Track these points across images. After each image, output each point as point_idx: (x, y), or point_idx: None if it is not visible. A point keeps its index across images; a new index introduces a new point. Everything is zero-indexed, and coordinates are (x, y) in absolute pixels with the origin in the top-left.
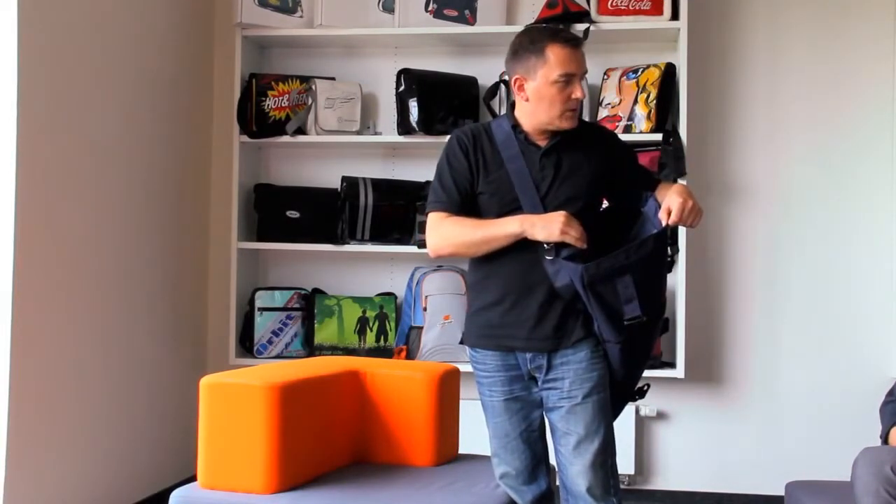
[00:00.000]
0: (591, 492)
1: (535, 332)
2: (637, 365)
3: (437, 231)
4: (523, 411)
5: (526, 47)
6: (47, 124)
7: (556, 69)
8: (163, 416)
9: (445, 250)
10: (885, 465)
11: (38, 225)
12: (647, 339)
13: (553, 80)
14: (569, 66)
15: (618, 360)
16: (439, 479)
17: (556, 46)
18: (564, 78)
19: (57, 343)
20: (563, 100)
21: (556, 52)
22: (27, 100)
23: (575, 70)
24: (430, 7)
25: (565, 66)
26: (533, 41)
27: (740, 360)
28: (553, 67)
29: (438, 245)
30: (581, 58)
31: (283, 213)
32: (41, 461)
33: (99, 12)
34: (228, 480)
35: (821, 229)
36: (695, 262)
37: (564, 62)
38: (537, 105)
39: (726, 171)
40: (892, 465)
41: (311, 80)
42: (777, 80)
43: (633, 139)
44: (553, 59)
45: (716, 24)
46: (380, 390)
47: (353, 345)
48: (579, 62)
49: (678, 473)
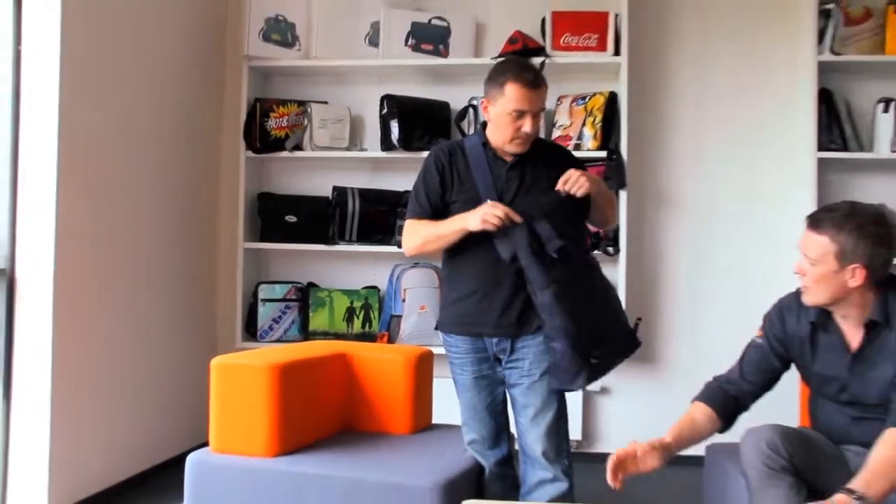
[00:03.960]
0: (545, 455)
1: (501, 321)
2: (588, 313)
3: (408, 234)
4: (489, 387)
5: (493, 78)
6: (90, 145)
7: (511, 104)
8: (180, 391)
9: (414, 250)
10: (761, 442)
11: (77, 229)
12: (583, 292)
13: (507, 112)
14: (521, 104)
15: (553, 308)
16: (415, 445)
17: (514, 85)
18: (516, 113)
19: (92, 329)
20: (514, 130)
21: (513, 89)
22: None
23: (526, 108)
24: (410, 42)
25: (518, 104)
26: (500, 74)
27: (670, 342)
28: (508, 101)
29: (408, 245)
30: (536, 97)
31: (282, 218)
32: (79, 429)
33: (133, 49)
34: (236, 445)
35: (738, 230)
36: (633, 260)
37: (518, 100)
38: (494, 128)
39: (659, 182)
40: (766, 441)
41: (307, 103)
42: (701, 106)
43: (581, 155)
44: (509, 94)
45: (651, 59)
46: (364, 370)
47: (342, 331)
48: (532, 101)
49: (618, 438)
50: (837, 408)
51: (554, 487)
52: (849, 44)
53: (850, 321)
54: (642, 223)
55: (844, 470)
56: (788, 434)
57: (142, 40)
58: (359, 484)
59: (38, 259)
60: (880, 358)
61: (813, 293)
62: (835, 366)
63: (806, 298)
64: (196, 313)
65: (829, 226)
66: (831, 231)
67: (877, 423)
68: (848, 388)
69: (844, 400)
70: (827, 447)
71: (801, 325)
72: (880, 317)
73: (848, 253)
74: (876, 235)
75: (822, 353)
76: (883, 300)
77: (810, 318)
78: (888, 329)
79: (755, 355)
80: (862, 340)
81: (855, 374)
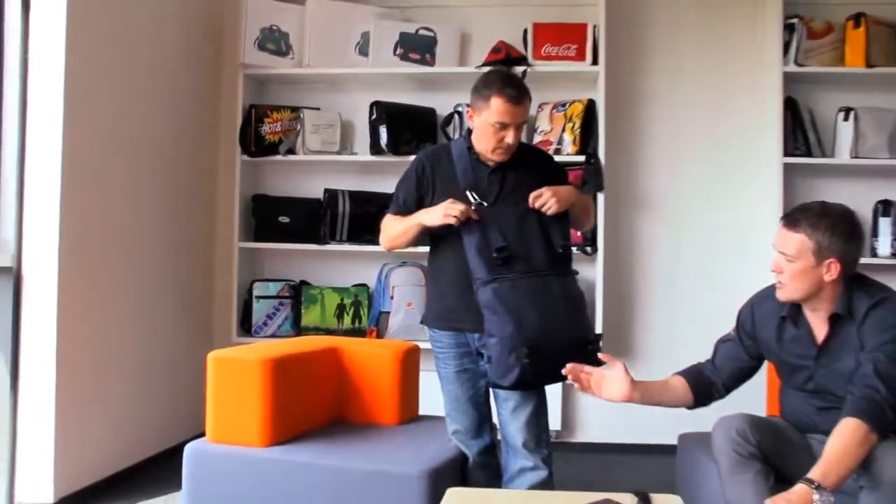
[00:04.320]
0: (525, 445)
1: (480, 317)
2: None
3: (382, 230)
4: (472, 380)
5: (479, 90)
6: (93, 149)
7: (494, 116)
8: (178, 384)
9: (388, 242)
10: (731, 431)
11: (80, 229)
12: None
13: (490, 123)
14: (504, 117)
15: (491, 304)
16: (402, 435)
17: (498, 99)
18: (499, 125)
19: (94, 325)
20: (496, 140)
21: (497, 103)
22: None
23: (509, 121)
24: (398, 51)
25: (501, 117)
26: (485, 87)
27: (646, 336)
28: (492, 114)
29: (382, 239)
30: (518, 111)
31: (276, 219)
32: (83, 419)
33: (135, 57)
34: (231, 435)
35: (708, 229)
36: (610, 259)
37: (501, 113)
38: (478, 136)
39: (635, 185)
40: (736, 429)
41: (300, 109)
42: (675, 114)
43: (561, 159)
44: (494, 107)
45: (626, 68)
46: (354, 363)
47: (332, 326)
48: (514, 115)
49: (596, 429)
50: (804, 398)
51: (534, 475)
52: (812, 56)
53: (818, 315)
54: (619, 223)
55: (809, 457)
56: (757, 423)
57: (143, 49)
58: (349, 472)
59: (44, 258)
60: (844, 351)
61: (789, 289)
62: (802, 357)
63: (781, 294)
64: (194, 309)
65: (806, 224)
66: (808, 229)
67: (840, 413)
68: (814, 378)
69: (810, 390)
70: (793, 435)
71: (770, 320)
72: (844, 311)
73: (824, 249)
74: (848, 232)
75: (789, 345)
76: (849, 295)
77: (782, 312)
78: (851, 322)
79: (726, 348)
80: (827, 333)
81: (820, 366)
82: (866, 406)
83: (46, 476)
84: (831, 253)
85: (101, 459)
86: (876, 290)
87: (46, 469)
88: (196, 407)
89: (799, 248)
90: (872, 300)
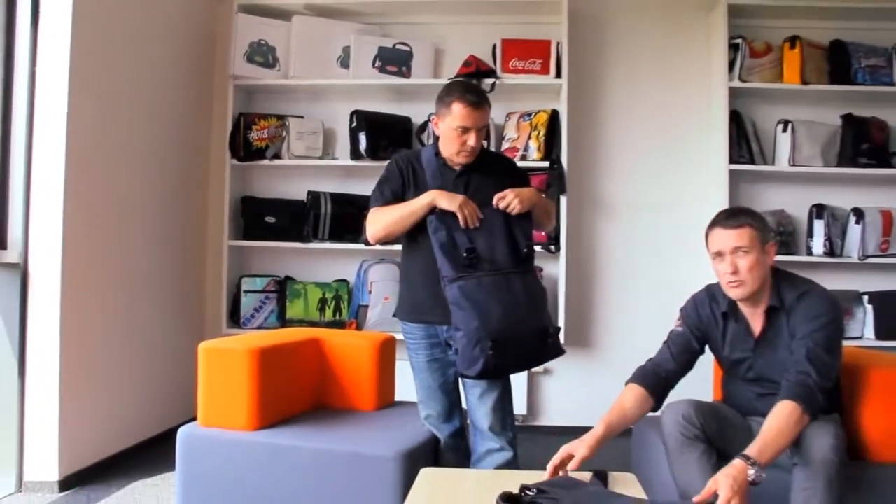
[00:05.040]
0: (492, 428)
1: (448, 310)
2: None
3: (372, 220)
4: (442, 369)
5: (442, 98)
6: (94, 154)
7: (456, 121)
8: (172, 372)
9: (380, 233)
10: (678, 415)
11: (82, 229)
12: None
13: (453, 128)
14: (465, 121)
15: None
16: (379, 420)
17: (459, 105)
18: (461, 129)
19: (95, 318)
20: (459, 143)
21: (458, 108)
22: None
23: (470, 125)
24: (377, 64)
25: (462, 121)
26: (447, 95)
27: (604, 329)
28: (454, 119)
29: (374, 230)
30: (479, 116)
31: (262, 219)
32: (85, 405)
33: (133, 69)
34: (221, 420)
35: (662, 231)
36: (571, 257)
37: (463, 118)
38: (443, 141)
39: (595, 189)
40: (683, 414)
41: (286, 117)
42: (631, 124)
43: (527, 165)
44: (455, 113)
45: (587, 82)
46: (335, 353)
47: (315, 319)
48: (475, 119)
49: (558, 413)
50: (745, 385)
51: (500, 456)
52: (754, 73)
53: (755, 309)
54: (580, 224)
55: (750, 438)
56: (702, 408)
57: (141, 61)
58: (329, 454)
59: (48, 256)
60: (778, 341)
61: (749, 283)
62: (742, 350)
63: (741, 291)
64: (186, 303)
65: (744, 218)
66: (748, 220)
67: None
68: (753, 368)
69: (750, 378)
70: (735, 419)
71: (713, 317)
72: (777, 302)
73: (763, 234)
74: (764, 220)
75: (731, 340)
76: (777, 287)
77: (722, 309)
78: (783, 313)
79: (679, 339)
80: (763, 325)
81: (758, 356)
82: (800, 390)
83: (52, 456)
84: (767, 237)
85: (101, 441)
86: (799, 282)
87: (52, 450)
88: (189, 393)
89: (750, 237)
90: (798, 291)
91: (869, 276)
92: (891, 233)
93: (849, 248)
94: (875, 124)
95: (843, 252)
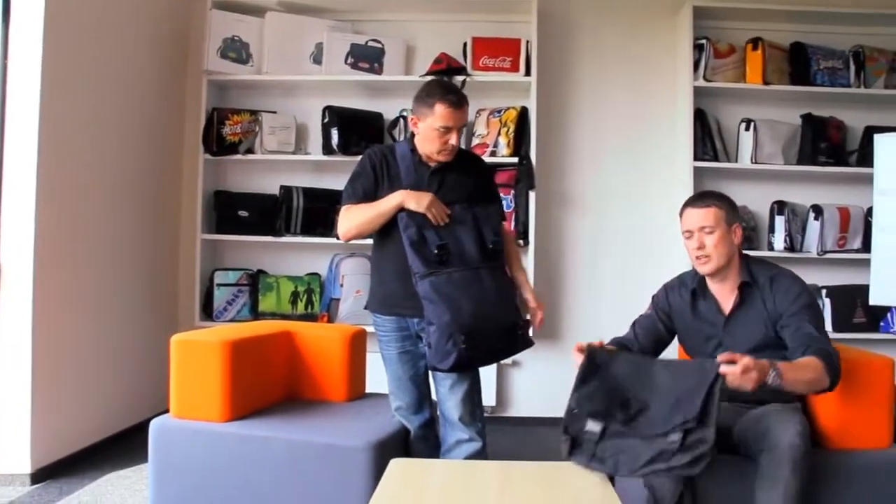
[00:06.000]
0: (461, 419)
1: (419, 303)
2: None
3: (344, 218)
4: (412, 361)
5: (422, 98)
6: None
7: (438, 121)
8: (145, 365)
9: (351, 232)
10: None
11: (55, 224)
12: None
13: (435, 128)
14: (447, 121)
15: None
16: (350, 411)
17: (441, 105)
18: (443, 129)
19: (68, 312)
20: (441, 143)
21: (441, 109)
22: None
23: (452, 125)
24: (349, 60)
25: (445, 121)
26: (428, 95)
27: (571, 321)
28: (437, 119)
29: (345, 230)
30: (460, 115)
31: (235, 213)
32: (57, 397)
33: (107, 64)
34: (193, 412)
35: (627, 225)
36: (540, 251)
37: (445, 118)
38: (423, 140)
39: (563, 184)
40: None
41: (258, 113)
42: (598, 121)
43: (497, 161)
44: (438, 113)
45: (556, 80)
46: (307, 345)
47: (287, 312)
48: (457, 119)
49: (526, 404)
50: None
51: (470, 446)
52: (718, 73)
53: (725, 285)
54: (548, 219)
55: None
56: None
57: (115, 56)
58: (301, 444)
59: (20, 249)
60: (751, 315)
61: (715, 258)
62: (712, 326)
63: (709, 266)
64: (159, 296)
65: (711, 200)
66: (715, 202)
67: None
68: (722, 344)
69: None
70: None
71: (683, 299)
72: (748, 278)
73: (729, 215)
74: (733, 204)
75: (701, 317)
76: (747, 267)
77: (691, 286)
78: (756, 289)
79: (645, 322)
80: (735, 302)
81: (727, 333)
82: (825, 356)
83: (24, 449)
84: (733, 219)
85: (74, 433)
86: (768, 265)
87: (23, 443)
88: (161, 385)
89: (715, 217)
90: (769, 272)
91: (827, 271)
92: (848, 229)
93: (808, 243)
94: (833, 124)
95: (803, 247)
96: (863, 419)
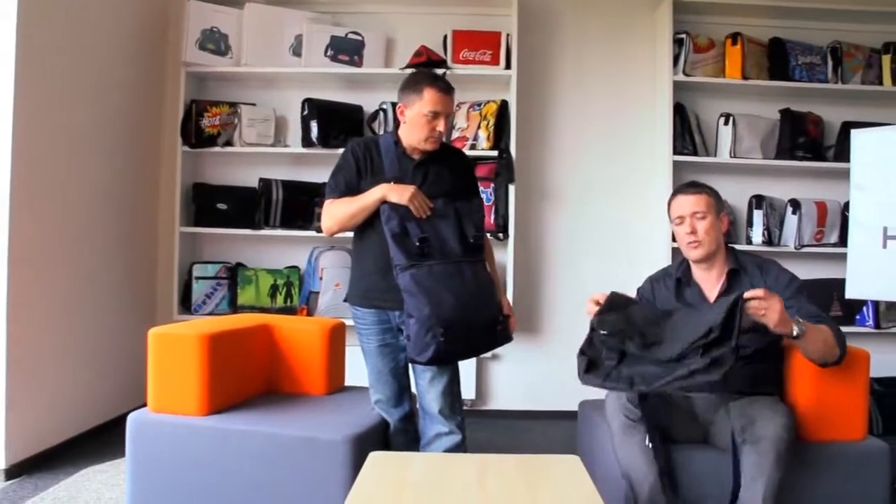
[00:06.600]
0: (441, 412)
1: (400, 296)
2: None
3: (327, 214)
4: (392, 354)
5: (411, 85)
6: (43, 139)
7: (427, 106)
8: (122, 358)
9: (334, 227)
10: (622, 397)
11: (30, 215)
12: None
13: (423, 114)
14: (437, 105)
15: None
16: (330, 404)
17: (430, 90)
18: (432, 114)
19: (43, 305)
20: (429, 129)
21: (430, 94)
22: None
23: (441, 110)
24: (328, 53)
25: (434, 106)
26: (417, 82)
27: (551, 315)
28: (425, 104)
29: (328, 225)
30: (448, 101)
31: (214, 205)
32: (32, 391)
33: (84, 56)
34: (171, 405)
35: (606, 219)
36: (519, 244)
37: (434, 102)
38: (410, 129)
39: (542, 177)
40: (626, 396)
41: (237, 105)
42: (578, 115)
43: (477, 154)
44: (427, 98)
45: (536, 73)
46: (286, 338)
47: (266, 305)
48: (446, 104)
49: (506, 398)
50: None
51: (449, 439)
52: (697, 67)
53: (711, 273)
54: (528, 212)
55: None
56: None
57: (92, 47)
58: (280, 438)
59: None
60: None
61: (706, 243)
62: None
63: (699, 251)
64: (137, 289)
65: (702, 187)
66: (706, 190)
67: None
68: None
69: None
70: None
71: (668, 289)
72: (736, 265)
73: (718, 204)
74: (719, 195)
75: (686, 305)
76: (734, 255)
77: (676, 275)
78: (746, 275)
79: None
80: (721, 288)
81: None
82: (837, 331)
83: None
84: (720, 208)
85: (50, 428)
86: (753, 255)
87: None
88: (139, 379)
89: (706, 203)
90: (757, 261)
91: (804, 265)
92: (825, 223)
93: (786, 237)
94: (811, 119)
95: (781, 241)
96: (838, 411)
